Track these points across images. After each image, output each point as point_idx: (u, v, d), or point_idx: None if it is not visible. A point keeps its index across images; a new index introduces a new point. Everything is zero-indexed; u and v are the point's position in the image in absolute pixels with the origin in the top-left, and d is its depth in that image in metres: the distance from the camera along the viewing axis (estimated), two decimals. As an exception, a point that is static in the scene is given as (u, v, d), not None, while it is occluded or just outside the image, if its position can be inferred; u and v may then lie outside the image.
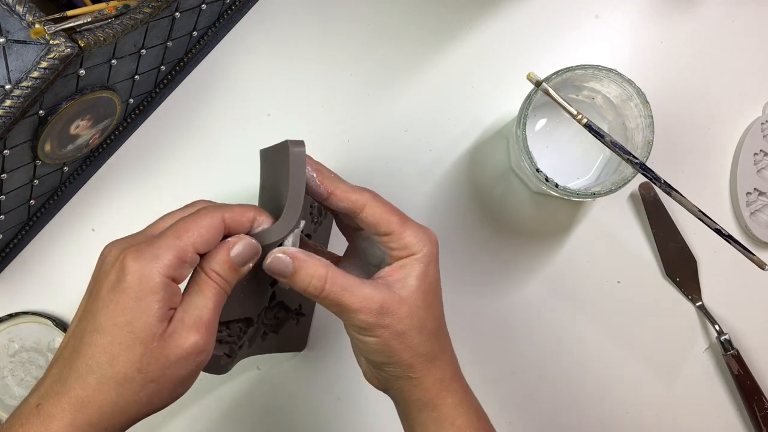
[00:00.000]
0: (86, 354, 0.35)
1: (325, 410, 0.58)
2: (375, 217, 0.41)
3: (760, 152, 0.59)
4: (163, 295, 0.35)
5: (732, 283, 0.59)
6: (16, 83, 0.40)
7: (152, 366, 0.35)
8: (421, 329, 0.40)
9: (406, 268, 0.41)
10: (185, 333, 0.36)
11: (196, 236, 0.37)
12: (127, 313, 0.35)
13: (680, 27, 0.60)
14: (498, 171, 0.59)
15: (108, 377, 0.35)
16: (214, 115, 0.59)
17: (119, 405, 0.35)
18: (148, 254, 0.36)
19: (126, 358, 0.35)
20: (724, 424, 0.59)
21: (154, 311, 0.35)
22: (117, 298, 0.35)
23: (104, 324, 0.35)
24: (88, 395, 0.34)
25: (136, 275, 0.35)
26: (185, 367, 0.36)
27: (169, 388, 0.36)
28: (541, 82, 0.46)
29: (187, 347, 0.36)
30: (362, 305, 0.39)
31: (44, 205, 0.57)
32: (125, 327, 0.35)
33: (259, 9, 0.60)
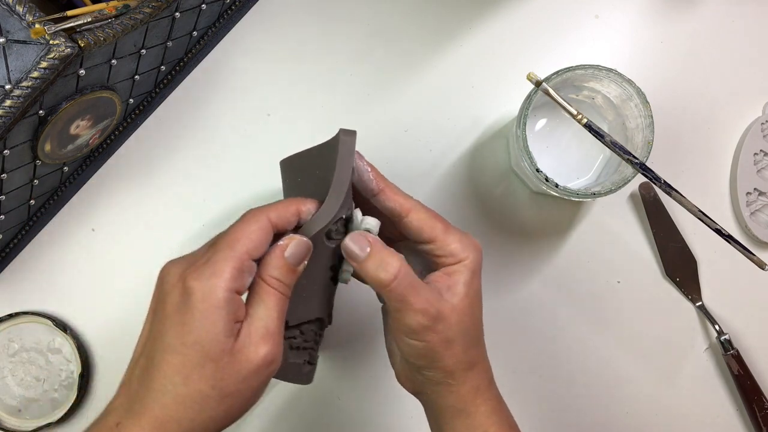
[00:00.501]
0: (160, 374, 0.36)
1: (325, 410, 0.58)
2: (420, 222, 0.42)
3: (760, 152, 0.59)
4: (227, 310, 0.36)
5: (732, 283, 0.59)
6: (16, 83, 0.40)
7: (226, 381, 0.35)
8: (465, 337, 0.41)
9: (454, 276, 0.41)
10: (254, 346, 0.36)
11: (247, 243, 0.37)
12: (195, 331, 0.35)
13: (680, 27, 0.60)
14: (498, 171, 0.59)
15: (183, 396, 0.35)
16: (214, 115, 0.59)
17: (197, 422, 0.35)
18: (207, 271, 0.36)
19: (199, 376, 0.35)
20: (724, 424, 0.59)
21: (220, 327, 0.35)
22: (183, 318, 0.36)
23: (173, 344, 0.36)
24: (166, 415, 0.35)
25: (199, 294, 0.36)
26: (257, 379, 0.37)
27: (244, 401, 0.37)
28: (541, 82, 0.46)
29: (257, 360, 0.36)
30: (424, 307, 0.39)
31: (44, 205, 0.57)
32: (194, 346, 0.35)
33: (259, 9, 0.60)
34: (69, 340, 0.56)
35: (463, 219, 0.59)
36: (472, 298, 0.41)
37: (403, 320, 0.40)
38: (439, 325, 0.39)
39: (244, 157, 0.59)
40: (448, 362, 0.40)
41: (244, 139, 0.59)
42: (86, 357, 0.57)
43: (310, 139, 0.59)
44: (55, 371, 0.57)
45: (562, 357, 0.59)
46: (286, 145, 0.59)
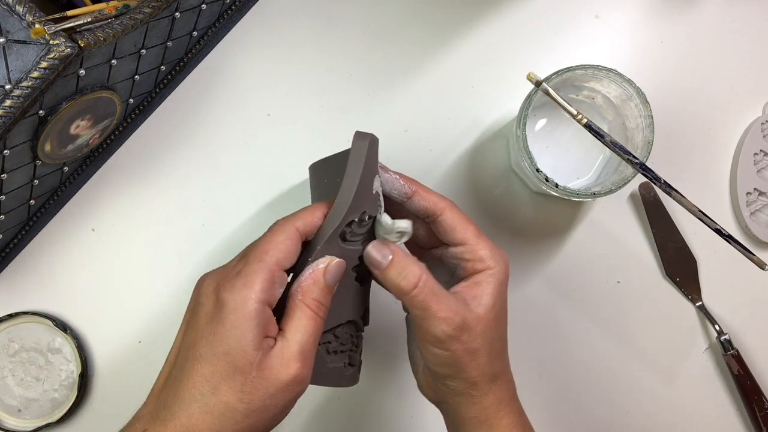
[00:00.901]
0: (189, 383, 0.36)
1: (325, 410, 0.58)
2: (453, 222, 0.42)
3: (760, 152, 0.59)
4: (257, 322, 0.36)
5: (732, 283, 0.59)
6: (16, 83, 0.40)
7: (254, 396, 0.36)
8: (490, 348, 0.41)
9: (481, 286, 0.41)
10: (285, 364, 0.36)
11: (277, 254, 0.38)
12: (225, 342, 0.36)
13: (680, 27, 0.60)
14: (498, 171, 0.59)
15: (210, 406, 0.35)
16: (214, 115, 0.59)
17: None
18: (239, 283, 0.37)
19: (228, 388, 0.35)
20: (724, 424, 0.59)
21: (249, 339, 0.36)
22: (215, 328, 0.36)
23: (204, 354, 0.36)
24: (192, 424, 0.35)
25: (231, 305, 0.36)
26: (285, 397, 0.37)
27: (270, 417, 0.37)
28: (541, 82, 0.46)
29: (287, 379, 0.36)
30: (447, 315, 0.39)
31: (44, 205, 0.57)
32: (224, 357, 0.36)
33: (259, 9, 0.60)
34: (69, 340, 0.56)
35: (463, 219, 0.59)
36: (498, 309, 0.41)
37: (428, 329, 0.39)
38: (464, 335, 0.39)
39: (244, 157, 0.59)
40: (472, 373, 0.40)
41: (244, 139, 0.59)
42: (86, 357, 0.57)
43: (310, 139, 0.59)
44: (55, 371, 0.57)
45: (562, 357, 0.59)
46: (286, 145, 0.59)
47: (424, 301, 0.39)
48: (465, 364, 0.40)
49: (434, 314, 0.39)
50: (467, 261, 0.42)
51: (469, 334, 0.39)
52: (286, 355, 0.37)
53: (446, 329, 0.39)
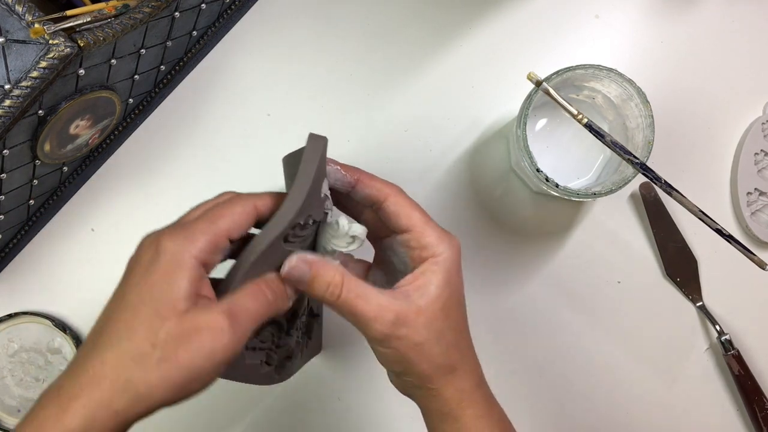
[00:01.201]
0: (109, 330, 0.34)
1: (325, 410, 0.58)
2: (397, 207, 0.41)
3: (761, 152, 0.59)
4: (192, 274, 0.35)
5: (732, 283, 0.59)
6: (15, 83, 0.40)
7: (167, 342, 0.33)
8: (439, 340, 0.39)
9: (425, 275, 0.40)
10: (207, 312, 0.34)
11: (229, 222, 0.37)
12: (154, 289, 0.34)
13: (680, 27, 0.60)
14: (498, 171, 0.59)
15: (124, 351, 0.33)
16: (214, 115, 0.59)
17: (131, 383, 0.33)
18: (181, 236, 0.35)
19: (144, 332, 0.33)
20: (724, 424, 0.59)
21: (180, 288, 0.34)
22: (148, 276, 0.35)
23: (131, 301, 0.35)
24: (103, 371, 0.33)
25: (168, 254, 0.35)
26: (198, 349, 0.34)
27: (181, 376, 0.33)
28: (541, 81, 0.46)
29: (202, 325, 0.34)
30: (377, 314, 0.38)
31: (44, 205, 0.57)
32: (150, 302, 0.34)
33: (258, 9, 0.60)
34: (68, 340, 0.56)
35: (464, 219, 0.59)
36: (446, 299, 0.40)
37: (363, 331, 0.39)
38: (402, 330, 0.38)
39: (244, 157, 0.59)
40: (422, 366, 0.39)
41: (244, 139, 0.59)
42: (86, 357, 0.57)
43: (310, 139, 0.59)
44: (54, 371, 0.57)
45: (562, 357, 0.59)
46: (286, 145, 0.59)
47: (350, 306, 0.38)
48: (412, 358, 0.39)
49: (364, 316, 0.38)
50: (413, 249, 0.41)
51: (408, 328, 0.38)
52: (213, 308, 0.35)
53: (380, 328, 0.38)
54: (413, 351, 0.39)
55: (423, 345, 0.39)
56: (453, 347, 0.40)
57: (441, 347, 0.39)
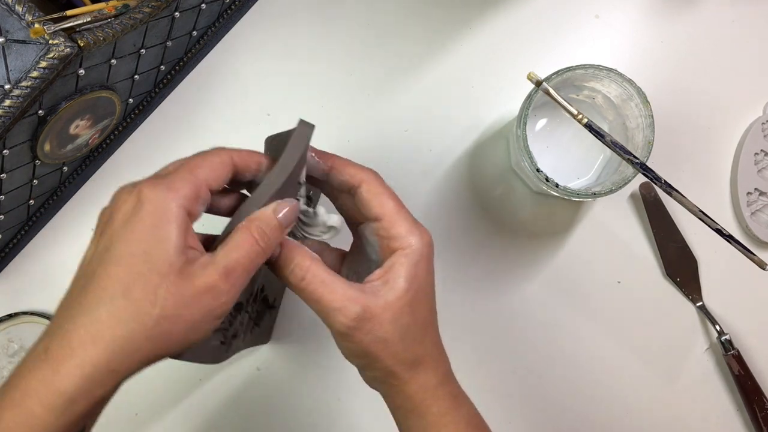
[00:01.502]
0: (98, 287, 0.33)
1: (325, 410, 0.58)
2: (370, 194, 0.39)
3: (761, 152, 0.59)
4: (180, 224, 0.33)
5: (732, 283, 0.59)
6: (15, 83, 0.40)
7: (168, 301, 0.32)
8: (404, 335, 0.38)
9: (394, 269, 0.38)
10: (206, 272, 0.33)
11: (208, 172, 0.36)
12: (144, 242, 0.33)
13: (680, 27, 0.60)
14: (498, 171, 0.59)
15: (120, 309, 0.32)
16: (214, 115, 0.59)
17: (130, 342, 0.32)
18: (164, 185, 0.34)
19: (142, 289, 0.32)
20: (724, 424, 0.59)
21: (172, 241, 0.33)
22: (133, 227, 0.33)
23: (119, 254, 0.33)
24: (98, 330, 0.32)
25: (152, 204, 0.33)
26: (199, 309, 0.33)
27: (182, 331, 0.33)
28: (541, 81, 0.46)
29: (201, 286, 0.33)
30: (342, 305, 0.37)
31: (44, 205, 0.57)
32: (142, 256, 0.33)
33: (258, 9, 0.60)
34: (68, 341, 0.56)
35: (464, 219, 0.59)
36: (414, 293, 0.38)
37: (326, 322, 0.37)
38: (367, 325, 0.37)
39: (244, 157, 0.59)
40: (386, 362, 0.38)
41: (244, 139, 0.59)
42: (86, 357, 0.57)
43: (310, 139, 0.59)
44: (54, 371, 0.57)
45: (562, 357, 0.59)
46: (286, 145, 0.59)
47: (314, 292, 0.37)
48: (376, 354, 0.38)
49: (328, 305, 0.37)
50: (383, 238, 0.39)
51: (373, 323, 0.37)
52: (209, 266, 0.34)
53: (344, 320, 0.36)
54: (376, 346, 0.37)
55: (387, 340, 0.37)
56: (418, 343, 0.39)
57: (406, 343, 0.38)
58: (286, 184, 0.38)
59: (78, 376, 0.31)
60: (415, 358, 0.39)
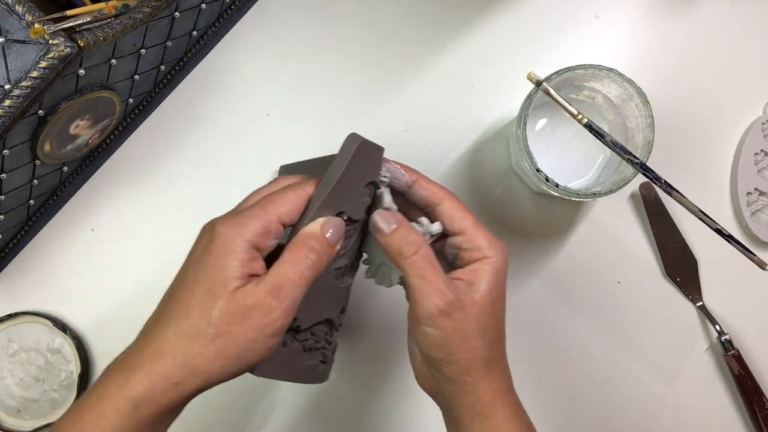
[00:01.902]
0: (170, 308, 0.37)
1: (325, 410, 0.58)
2: (452, 210, 0.43)
3: (761, 152, 0.59)
4: (243, 256, 0.37)
5: (732, 283, 0.59)
6: (15, 83, 0.40)
7: (221, 320, 0.36)
8: (483, 333, 0.40)
9: (477, 273, 0.41)
10: (255, 290, 0.36)
11: (280, 207, 0.39)
12: (208, 269, 0.37)
13: (680, 27, 0.60)
14: (498, 171, 0.59)
15: (182, 328, 0.36)
16: (214, 115, 0.59)
17: (188, 357, 0.36)
18: (234, 221, 0.38)
19: (200, 311, 0.36)
20: (724, 424, 0.59)
21: (232, 268, 0.36)
22: (204, 258, 0.37)
23: (188, 281, 0.37)
24: (163, 346, 0.36)
25: (222, 238, 0.37)
26: (251, 326, 0.36)
27: (239, 346, 0.36)
28: (541, 81, 0.46)
29: (251, 303, 0.36)
30: (441, 288, 0.39)
31: (44, 205, 0.57)
32: (205, 282, 0.37)
33: (258, 9, 0.60)
34: (68, 341, 0.56)
35: (463, 219, 0.59)
36: (494, 297, 0.41)
37: (420, 301, 0.39)
38: (456, 313, 0.39)
39: (244, 157, 0.59)
40: (465, 356, 0.40)
41: (244, 139, 0.59)
42: (86, 357, 0.57)
43: (309, 139, 0.59)
44: (54, 371, 0.57)
45: (562, 357, 0.59)
46: (286, 145, 0.59)
47: (422, 269, 0.40)
48: (456, 345, 0.40)
49: (429, 284, 0.39)
50: (465, 250, 0.42)
51: (461, 313, 0.39)
52: (260, 284, 0.37)
53: (438, 302, 0.39)
54: (458, 336, 0.40)
55: (469, 333, 0.40)
56: (494, 344, 0.41)
57: (484, 341, 0.40)
58: (337, 196, 0.40)
59: (143, 384, 0.35)
60: (491, 359, 0.41)
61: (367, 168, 0.42)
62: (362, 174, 0.41)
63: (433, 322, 0.40)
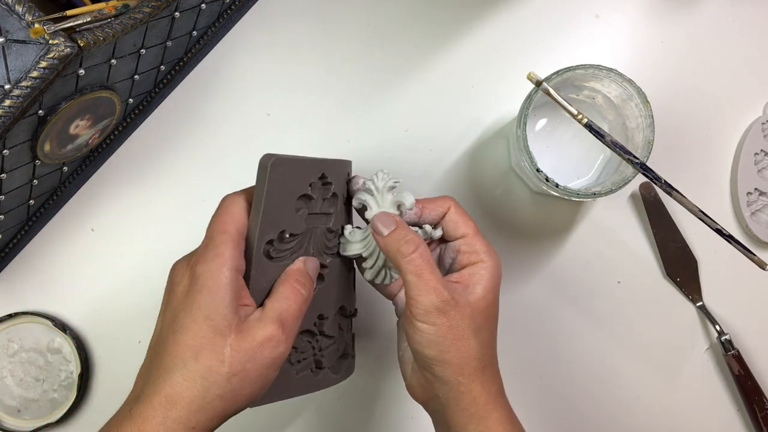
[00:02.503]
0: (171, 353, 0.37)
1: (324, 411, 0.58)
2: (456, 216, 0.45)
3: (761, 152, 0.59)
4: (233, 287, 0.38)
5: (732, 283, 0.59)
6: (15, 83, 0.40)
7: (234, 358, 0.36)
8: (477, 334, 0.41)
9: (474, 277, 0.43)
10: (261, 326, 0.38)
11: (236, 225, 0.40)
12: (204, 308, 0.37)
13: (680, 27, 0.60)
14: (498, 171, 0.59)
15: (193, 372, 0.36)
16: (214, 115, 0.59)
17: (205, 400, 0.36)
18: (210, 255, 0.38)
19: (209, 352, 0.36)
20: (724, 424, 0.59)
21: (227, 302, 0.37)
22: (193, 298, 0.38)
23: (185, 323, 0.37)
24: (176, 392, 0.36)
25: (206, 275, 0.38)
26: (262, 360, 0.37)
27: (251, 382, 0.37)
28: (541, 81, 0.46)
29: (262, 339, 0.37)
30: (438, 286, 0.40)
31: (44, 205, 0.57)
32: (205, 321, 0.37)
33: (258, 9, 0.60)
34: (68, 340, 0.56)
35: (463, 219, 0.59)
36: (489, 301, 0.42)
37: (416, 298, 0.40)
38: (452, 311, 0.40)
39: (244, 157, 0.59)
40: (459, 354, 0.40)
41: (244, 139, 0.59)
42: (86, 357, 0.57)
43: (309, 139, 0.59)
44: (54, 371, 0.57)
45: (562, 357, 0.59)
46: (286, 145, 0.59)
47: (420, 266, 0.40)
48: (450, 342, 0.40)
49: (426, 282, 0.40)
50: (464, 253, 0.44)
51: (456, 312, 0.40)
52: (263, 318, 0.38)
53: (434, 300, 0.40)
54: (453, 334, 0.40)
55: (464, 333, 0.41)
56: (486, 347, 0.42)
57: (477, 342, 0.41)
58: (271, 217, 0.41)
59: None
60: (484, 360, 0.42)
61: (292, 183, 0.43)
62: (288, 190, 0.42)
63: (428, 318, 0.40)
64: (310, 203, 0.44)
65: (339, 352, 0.48)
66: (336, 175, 0.46)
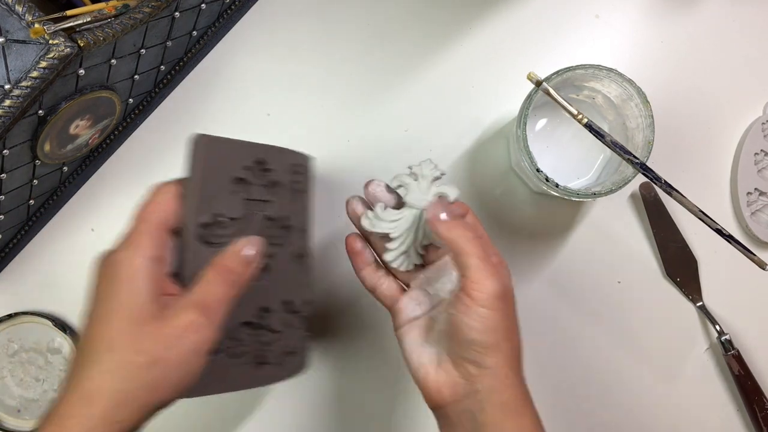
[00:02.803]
0: (88, 347, 0.35)
1: (323, 411, 0.58)
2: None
3: (761, 152, 0.59)
4: (150, 276, 0.36)
5: (732, 283, 0.59)
6: (15, 83, 0.40)
7: (151, 347, 0.35)
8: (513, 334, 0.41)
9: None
10: (181, 312, 0.36)
11: (160, 213, 0.39)
12: (119, 297, 0.36)
13: (680, 27, 0.60)
14: (498, 171, 0.59)
15: (108, 363, 0.34)
16: (214, 115, 0.59)
17: (126, 392, 0.34)
18: (127, 245, 0.37)
19: (123, 341, 0.35)
20: (724, 424, 0.59)
21: (145, 291, 0.36)
22: (111, 288, 0.36)
23: (101, 313, 0.36)
24: (94, 387, 0.34)
25: (122, 265, 0.36)
26: (182, 347, 0.35)
27: (174, 370, 0.35)
28: (541, 81, 0.46)
29: (181, 325, 0.35)
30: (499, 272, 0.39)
31: (43, 205, 0.57)
32: (119, 312, 0.35)
33: (258, 9, 0.60)
34: (68, 340, 0.56)
35: (463, 219, 0.59)
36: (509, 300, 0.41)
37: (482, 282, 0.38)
38: (509, 299, 0.40)
39: (244, 157, 0.59)
40: (511, 345, 0.40)
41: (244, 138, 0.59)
42: (86, 357, 0.57)
43: (309, 139, 0.59)
44: (54, 371, 0.57)
45: (562, 357, 0.59)
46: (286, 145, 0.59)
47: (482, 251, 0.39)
48: (506, 330, 0.39)
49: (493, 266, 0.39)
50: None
51: (511, 301, 0.40)
52: (184, 304, 0.36)
53: (497, 285, 0.39)
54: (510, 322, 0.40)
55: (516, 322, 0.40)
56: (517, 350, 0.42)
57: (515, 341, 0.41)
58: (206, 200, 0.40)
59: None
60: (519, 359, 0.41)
61: (225, 164, 0.41)
62: (221, 171, 0.41)
63: (492, 303, 0.39)
64: (249, 189, 0.43)
65: (287, 348, 0.46)
66: (280, 163, 0.44)
